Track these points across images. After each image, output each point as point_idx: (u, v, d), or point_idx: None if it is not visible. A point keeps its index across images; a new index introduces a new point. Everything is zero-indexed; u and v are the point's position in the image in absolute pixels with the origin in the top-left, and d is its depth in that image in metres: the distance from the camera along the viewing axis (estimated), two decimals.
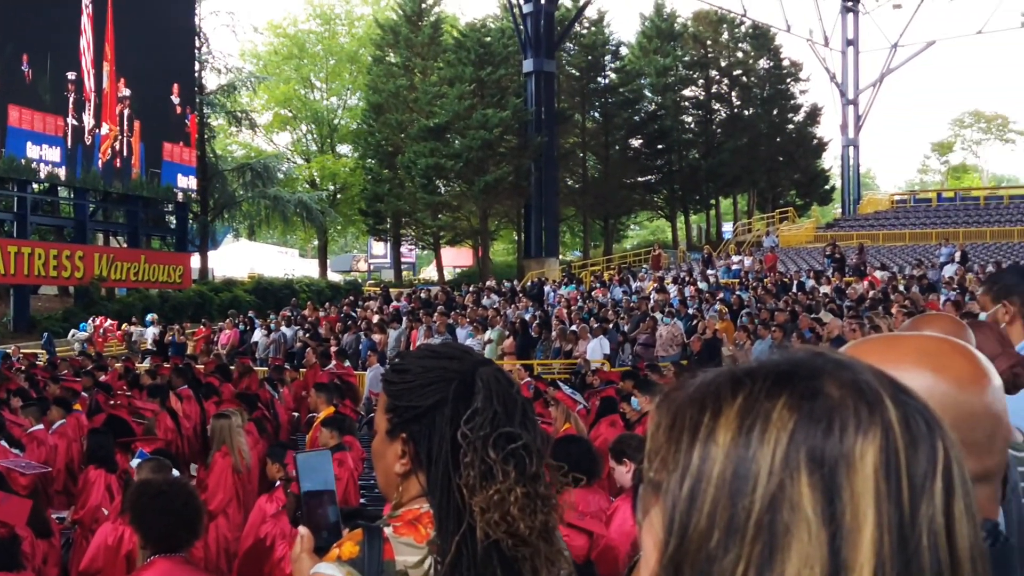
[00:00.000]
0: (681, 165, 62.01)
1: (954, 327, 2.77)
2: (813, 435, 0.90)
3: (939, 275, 31.75)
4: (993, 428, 1.50)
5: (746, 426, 0.92)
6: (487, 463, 2.18)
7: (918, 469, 0.91)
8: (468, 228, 53.07)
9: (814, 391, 0.93)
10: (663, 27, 63.82)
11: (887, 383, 0.96)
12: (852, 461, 0.89)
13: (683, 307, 28.10)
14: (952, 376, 1.48)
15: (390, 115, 52.98)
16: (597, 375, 19.69)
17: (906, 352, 1.52)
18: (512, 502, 2.15)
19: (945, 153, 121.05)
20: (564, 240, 62.81)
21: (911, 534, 0.89)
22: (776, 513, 0.88)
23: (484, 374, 2.29)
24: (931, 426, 0.95)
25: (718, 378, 0.98)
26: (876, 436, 0.91)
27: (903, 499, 0.90)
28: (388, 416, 2.34)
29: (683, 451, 0.94)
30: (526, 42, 44.95)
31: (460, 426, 2.20)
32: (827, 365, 0.96)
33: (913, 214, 54.72)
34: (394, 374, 2.38)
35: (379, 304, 34.78)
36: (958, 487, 0.93)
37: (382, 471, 2.38)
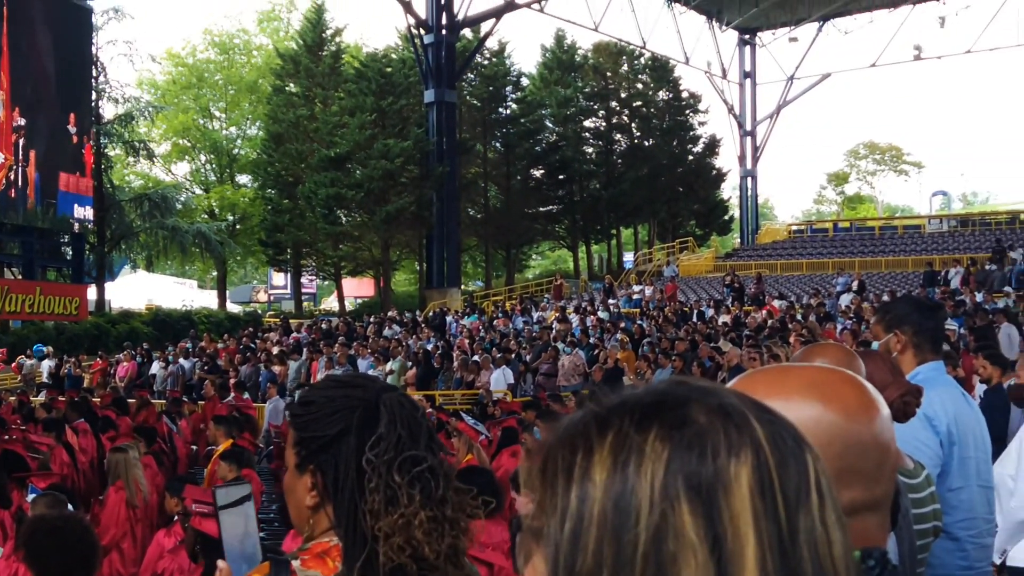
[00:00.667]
0: (582, 195, 62.35)
1: (844, 356, 2.82)
2: (688, 462, 0.91)
3: (836, 304, 32.22)
4: (881, 457, 1.52)
5: (620, 462, 0.92)
6: (392, 488, 2.16)
7: (791, 484, 0.93)
8: (369, 258, 52.84)
9: (683, 419, 0.94)
10: (564, 58, 64.25)
11: (750, 404, 0.98)
12: (728, 483, 0.90)
13: (585, 337, 28.22)
14: (840, 406, 1.50)
15: (290, 145, 52.64)
16: (499, 405, 19.71)
17: (795, 383, 1.54)
18: (417, 526, 2.13)
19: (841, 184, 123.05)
20: (466, 270, 62.82)
21: (791, 548, 0.90)
22: (662, 544, 0.88)
23: (388, 400, 2.28)
24: (798, 441, 0.97)
25: (585, 418, 0.98)
26: (748, 456, 0.92)
27: (780, 515, 0.91)
28: (296, 450, 2.31)
29: (560, 494, 0.94)
30: (427, 72, 44.97)
31: (365, 452, 2.19)
32: (691, 393, 0.97)
33: (810, 244, 55.52)
34: (300, 407, 2.36)
35: (279, 335, 34.54)
36: (828, 497, 0.95)
37: (294, 506, 2.35)
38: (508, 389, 24.17)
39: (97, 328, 41.17)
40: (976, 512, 4.48)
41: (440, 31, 44.66)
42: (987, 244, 44.63)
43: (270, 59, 62.58)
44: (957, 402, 4.58)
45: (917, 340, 4.73)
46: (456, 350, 28.66)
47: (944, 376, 4.77)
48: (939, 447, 4.38)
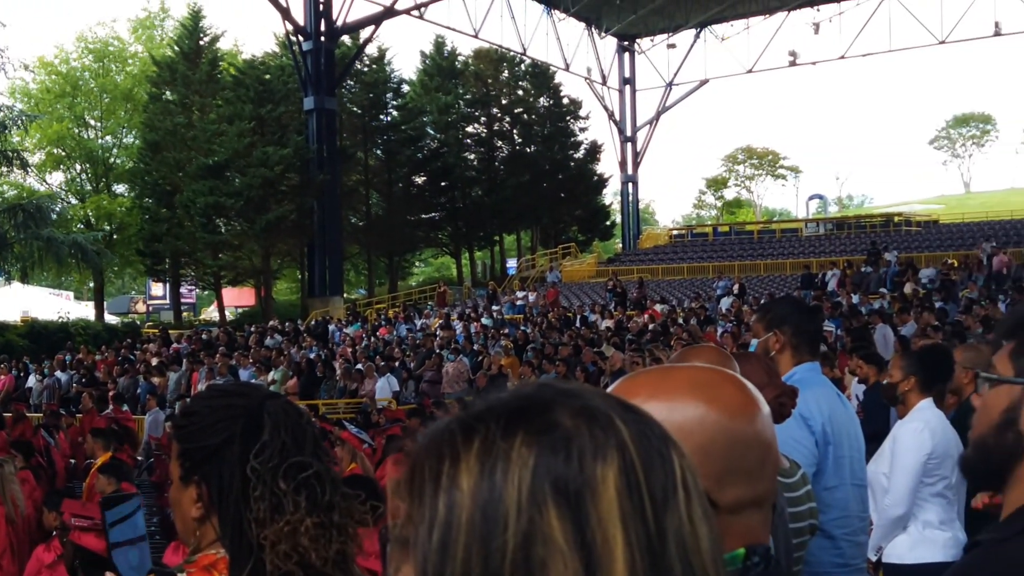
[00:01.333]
0: (465, 202, 62.40)
1: (719, 358, 2.86)
2: (555, 467, 0.91)
3: (716, 308, 32.64)
4: (764, 455, 1.54)
5: (487, 468, 0.92)
6: (277, 495, 2.14)
7: (657, 483, 0.93)
8: (250, 267, 52.28)
9: (548, 423, 0.94)
10: (444, 65, 64.26)
11: (615, 404, 0.98)
12: (595, 486, 0.90)
13: (468, 343, 28.24)
14: (723, 405, 1.51)
15: (168, 153, 51.87)
16: (383, 414, 19.64)
17: (679, 383, 1.55)
18: (303, 533, 2.12)
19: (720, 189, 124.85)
20: (348, 278, 62.46)
21: (660, 547, 0.90)
22: (530, 549, 0.88)
23: (271, 407, 2.26)
24: (663, 440, 0.97)
25: (451, 425, 0.98)
26: (614, 458, 0.92)
27: (648, 515, 0.91)
28: (180, 461, 2.28)
29: (427, 503, 0.93)
30: (306, 79, 44.64)
31: (250, 460, 2.16)
32: (556, 396, 0.97)
33: (691, 248, 56.22)
34: (182, 418, 2.33)
35: (158, 346, 34.03)
36: (695, 494, 0.96)
37: (180, 518, 2.31)
38: (392, 397, 24.10)
39: None
40: (850, 510, 4.57)
41: (319, 38, 44.37)
42: (862, 247, 45.52)
43: (146, 67, 61.65)
44: (832, 402, 4.66)
45: (796, 341, 4.80)
46: (339, 359, 28.50)
47: (820, 376, 4.86)
48: (814, 446, 4.46)
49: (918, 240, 48.57)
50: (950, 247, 44.45)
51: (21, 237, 50.07)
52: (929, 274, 34.06)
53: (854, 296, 30.58)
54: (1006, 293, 28.04)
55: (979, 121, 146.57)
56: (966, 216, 64.37)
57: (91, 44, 65.84)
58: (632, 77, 63.70)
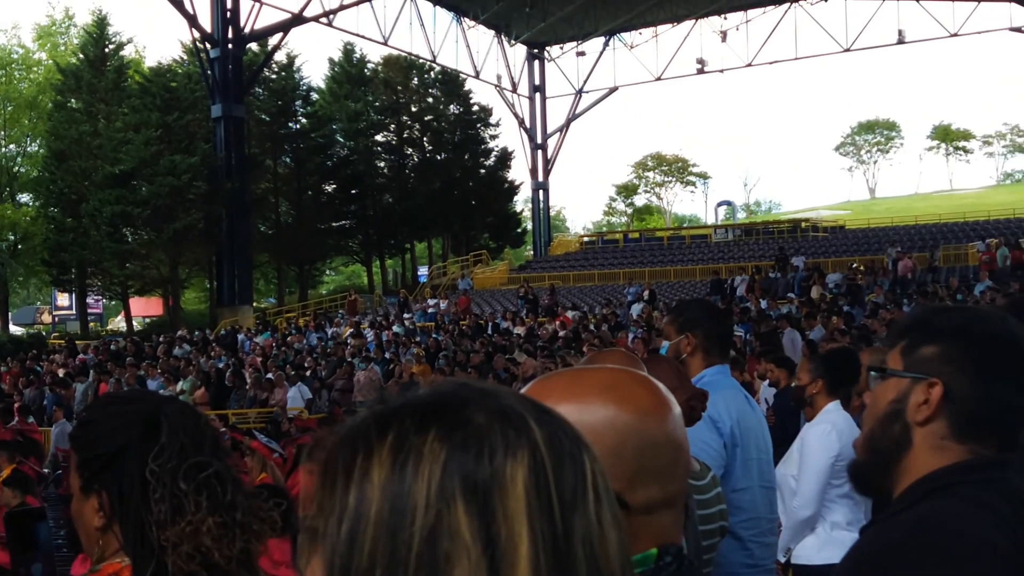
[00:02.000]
0: (375, 210, 62.25)
1: (628, 361, 2.88)
2: (465, 463, 0.92)
3: (627, 314, 32.83)
4: (675, 455, 1.54)
5: (399, 462, 0.93)
6: (178, 496, 2.12)
7: (567, 484, 0.94)
8: (158, 276, 51.67)
9: (461, 421, 0.95)
10: (353, 72, 64.11)
11: (530, 406, 0.99)
12: (504, 483, 0.91)
13: (380, 351, 28.17)
14: (634, 407, 1.52)
15: (73, 162, 51.16)
16: (294, 423, 19.52)
17: (590, 386, 1.55)
18: (205, 532, 2.10)
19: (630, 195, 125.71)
20: (258, 287, 61.97)
21: (566, 547, 0.92)
22: (436, 543, 0.89)
23: (168, 410, 2.25)
24: (576, 442, 0.98)
25: (367, 419, 0.98)
26: (524, 457, 0.93)
27: (555, 514, 0.92)
28: (79, 472, 2.25)
29: (338, 495, 0.94)
30: (214, 87, 44.24)
31: (148, 464, 2.14)
32: (471, 395, 0.98)
33: (601, 255, 56.53)
34: (79, 428, 2.31)
35: (64, 357, 33.56)
36: (604, 497, 0.97)
37: (83, 530, 2.28)
38: (304, 406, 23.96)
39: None
40: (759, 512, 4.61)
41: (226, 45, 44.00)
42: (770, 252, 46.13)
43: (50, 74, 60.84)
44: (740, 405, 4.70)
45: (707, 344, 4.84)
46: (249, 368, 28.29)
47: (729, 379, 4.89)
48: (723, 448, 4.50)
49: (825, 245, 49.27)
50: (856, 252, 45.10)
51: None
52: (836, 279, 34.50)
53: (762, 301, 30.93)
54: (911, 297, 28.50)
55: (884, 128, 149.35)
56: (872, 222, 65.41)
57: None
58: (542, 84, 63.89)
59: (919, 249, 41.73)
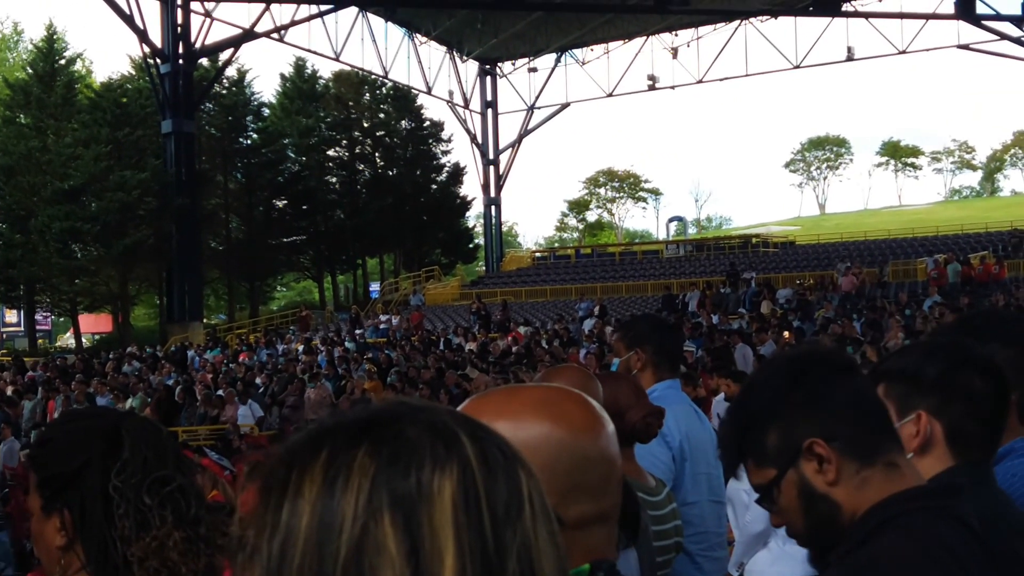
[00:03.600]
0: (327, 226, 62.13)
1: (581, 378, 2.88)
2: (393, 476, 0.93)
3: (579, 329, 32.89)
4: (608, 471, 1.56)
5: (330, 477, 0.93)
6: (142, 511, 2.11)
7: (499, 499, 0.94)
8: (107, 293, 51.33)
9: (392, 436, 0.96)
10: (305, 88, 64.01)
11: (464, 422, 1.00)
12: (430, 496, 0.92)
13: (331, 368, 28.08)
14: (568, 423, 1.53)
15: (22, 177, 50.71)
16: (244, 440, 19.45)
17: (524, 403, 1.57)
18: (171, 547, 2.09)
19: (582, 211, 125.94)
20: (208, 303, 61.59)
21: (498, 562, 0.92)
22: (362, 556, 0.90)
23: (129, 425, 2.23)
24: (509, 458, 0.99)
25: (303, 437, 0.99)
26: (454, 471, 0.94)
27: (485, 528, 0.92)
28: (40, 492, 2.22)
29: (272, 511, 0.95)
30: (164, 102, 43.99)
31: (111, 479, 2.12)
32: (404, 410, 1.00)
33: (553, 270, 56.59)
34: (37, 447, 2.29)
35: (12, 374, 33.23)
36: (540, 514, 0.97)
37: (44, 551, 2.24)
38: (255, 423, 23.84)
39: None
40: (708, 526, 4.62)
41: (177, 60, 43.78)
42: (722, 268, 46.34)
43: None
44: (690, 419, 4.72)
45: (656, 359, 4.85)
46: (199, 385, 28.12)
47: (679, 394, 4.91)
48: (672, 462, 4.50)
49: (775, 261, 49.59)
50: (806, 267, 45.40)
51: None
52: (786, 294, 34.73)
53: (714, 316, 31.09)
54: (860, 312, 28.75)
55: (833, 144, 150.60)
56: (822, 237, 65.88)
57: None
58: (494, 100, 63.98)
59: (868, 264, 42.02)
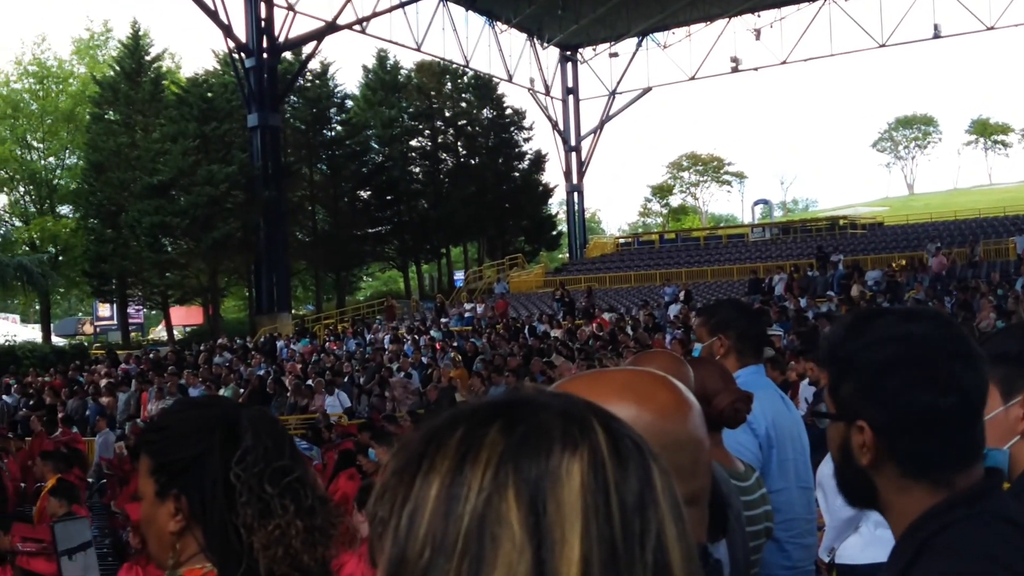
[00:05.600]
0: (411, 215, 62.26)
1: (672, 363, 2.87)
2: (521, 454, 0.95)
3: (664, 315, 32.76)
4: (696, 453, 1.58)
5: (461, 452, 0.96)
6: (264, 499, 2.15)
7: (628, 489, 0.95)
8: (197, 286, 51.96)
9: (524, 417, 0.99)
10: (387, 79, 64.16)
11: (599, 412, 1.03)
12: (559, 478, 0.93)
13: (418, 356, 28.22)
14: (654, 406, 1.55)
15: (112, 173, 51.52)
16: (334, 429, 19.60)
17: (610, 386, 1.59)
18: (293, 535, 2.14)
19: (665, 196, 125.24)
20: (296, 294, 62.18)
21: (622, 550, 0.93)
22: (484, 527, 0.91)
23: (249, 414, 2.28)
24: (642, 451, 1.00)
25: (444, 417, 1.04)
26: (583, 455, 0.95)
27: (613, 516, 0.93)
28: (155, 477, 2.25)
29: (405, 484, 0.99)
30: (250, 96, 44.45)
31: (232, 468, 2.17)
32: (541, 397, 1.03)
33: (637, 256, 56.37)
34: (153, 433, 2.32)
35: (107, 367, 33.78)
36: (670, 509, 0.99)
37: (154, 536, 2.27)
38: (343, 412, 24.02)
39: None
40: (796, 513, 4.57)
41: (261, 54, 44.21)
42: (808, 251, 45.90)
43: (87, 87, 61.27)
44: (776, 405, 4.67)
45: (740, 345, 4.81)
46: (288, 375, 28.40)
47: (763, 379, 4.86)
48: (758, 449, 4.46)
49: (863, 243, 48.97)
50: (895, 249, 44.83)
51: None
52: (875, 276, 34.32)
53: (801, 300, 30.81)
54: (951, 293, 28.35)
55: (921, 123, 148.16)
56: (910, 218, 64.90)
57: (31, 66, 65.29)
58: (575, 87, 63.80)
59: (959, 244, 41.43)
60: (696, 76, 60.46)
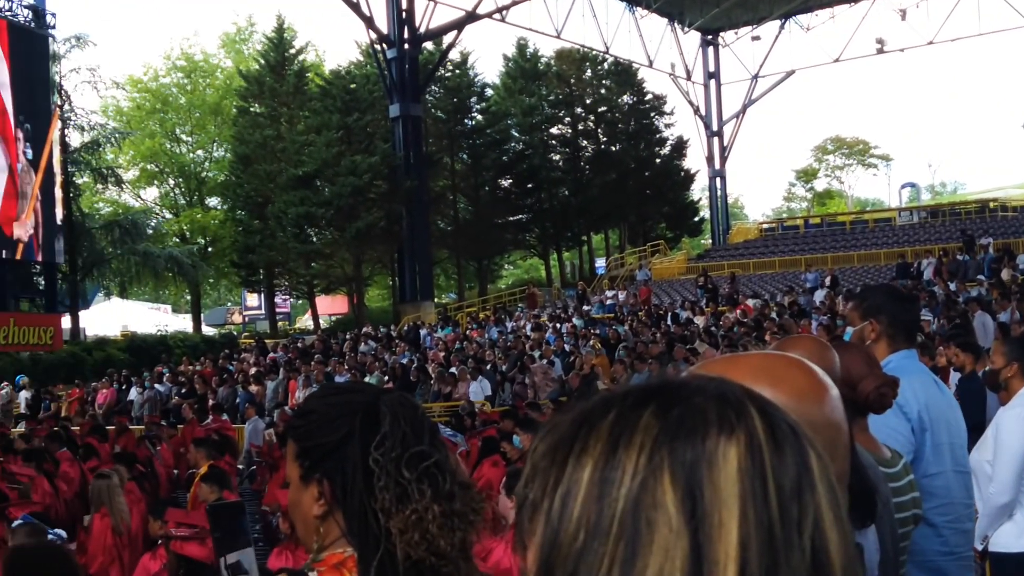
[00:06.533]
0: (552, 203, 62.32)
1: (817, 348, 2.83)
2: (677, 438, 0.94)
3: (810, 300, 32.33)
4: (834, 437, 1.56)
5: (615, 435, 0.96)
6: (401, 484, 2.16)
7: (786, 474, 0.95)
8: (342, 275, 52.77)
9: (680, 400, 0.97)
10: (527, 67, 64.26)
11: (754, 396, 1.01)
12: (715, 461, 0.93)
13: (560, 344, 28.24)
14: (790, 389, 1.53)
15: (258, 165, 52.56)
16: (477, 416, 19.72)
17: (744, 369, 1.57)
18: (430, 520, 2.14)
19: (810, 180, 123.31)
20: (439, 283, 62.72)
21: (780, 535, 0.92)
22: (639, 511, 0.91)
23: (388, 400, 2.29)
24: (798, 436, 0.99)
25: (595, 400, 1.02)
26: (740, 439, 0.94)
27: (771, 501, 0.93)
28: (299, 461, 2.29)
29: (557, 466, 0.98)
30: (391, 87, 44.96)
31: (371, 452, 2.20)
32: (696, 380, 1.02)
33: (781, 242, 55.68)
34: (299, 418, 2.36)
35: (255, 356, 34.47)
36: (827, 495, 0.97)
37: (300, 520, 2.33)
38: (485, 400, 24.16)
39: (73, 357, 40.86)
40: (953, 497, 4.45)
41: (402, 45, 44.66)
42: (957, 234, 44.85)
43: (233, 80, 62.48)
44: (928, 389, 4.57)
45: (891, 330, 4.74)
46: (432, 363, 28.65)
47: (916, 363, 4.77)
48: (910, 433, 4.36)
49: (1014, 225, 47.74)
50: None
51: (118, 253, 51.03)
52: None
53: (951, 284, 30.17)
54: None
55: None
56: None
57: (179, 60, 66.75)
58: (717, 71, 63.25)
59: None
60: (840, 58, 59.46)
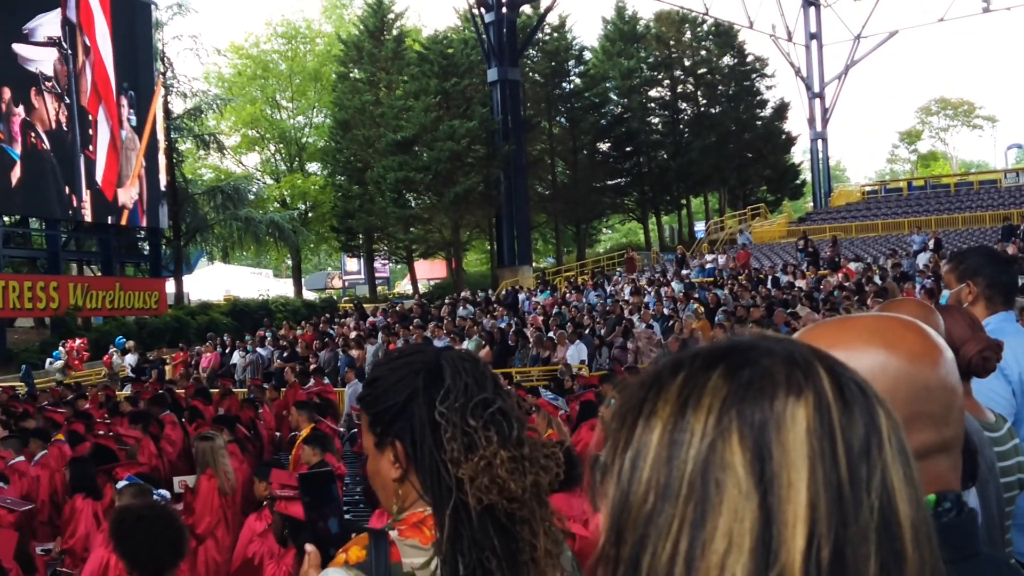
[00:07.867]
0: (650, 166, 62.06)
1: (921, 310, 2.81)
2: (745, 399, 0.95)
3: (913, 264, 31.87)
4: (949, 400, 1.54)
5: (683, 397, 0.97)
6: (468, 433, 2.20)
7: (855, 433, 0.95)
8: (440, 240, 53.01)
9: (747, 361, 0.98)
10: (625, 29, 63.89)
11: (822, 356, 1.02)
12: (784, 423, 0.93)
13: (660, 308, 28.13)
14: (904, 351, 1.52)
15: (357, 131, 52.92)
16: (576, 380, 19.74)
17: (857, 332, 1.57)
18: (499, 464, 2.18)
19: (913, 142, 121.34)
20: (537, 247, 62.73)
21: (849, 494, 0.92)
22: (708, 472, 0.92)
23: (448, 356, 2.34)
24: (867, 395, 1.00)
25: (663, 363, 1.04)
26: (808, 400, 0.95)
27: (840, 461, 0.92)
28: (372, 429, 2.35)
29: (627, 428, 1.00)
30: (489, 51, 44.96)
31: (436, 407, 2.23)
32: (763, 342, 1.03)
33: (884, 204, 54.90)
34: (366, 388, 2.40)
35: (355, 320, 34.76)
36: (897, 454, 0.97)
37: (380, 486, 2.38)
38: (583, 363, 24.15)
39: (177, 321, 41.58)
40: None
41: (500, 9, 44.62)
42: None
43: (333, 46, 62.83)
44: None
45: (989, 292, 4.69)
46: (530, 327, 28.68)
47: (1015, 326, 4.71)
48: (1012, 396, 4.31)
49: None
50: None
51: (220, 218, 51.78)
52: None
53: None
54: None
55: None
56: None
57: (279, 27, 67.29)
58: (818, 32, 62.35)
59: None
60: (945, 18, 58.32)
